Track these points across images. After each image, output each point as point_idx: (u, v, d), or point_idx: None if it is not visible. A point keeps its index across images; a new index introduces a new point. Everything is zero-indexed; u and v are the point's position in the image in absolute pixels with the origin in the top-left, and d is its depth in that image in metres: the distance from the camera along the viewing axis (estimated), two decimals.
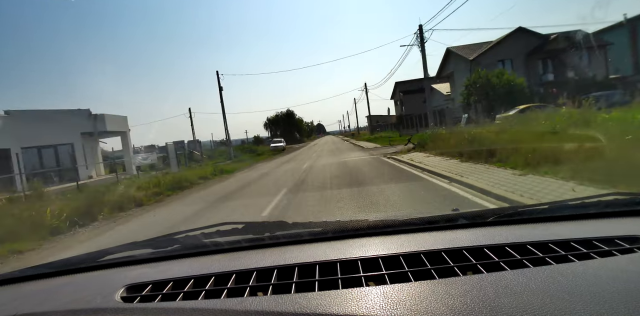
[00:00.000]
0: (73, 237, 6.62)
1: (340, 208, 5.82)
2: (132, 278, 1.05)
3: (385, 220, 1.29)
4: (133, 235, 5.94)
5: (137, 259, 1.24)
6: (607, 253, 0.90)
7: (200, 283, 0.97)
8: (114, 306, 0.88)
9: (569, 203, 1.30)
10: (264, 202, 7.06)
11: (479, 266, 0.89)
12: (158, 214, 7.97)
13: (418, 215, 1.32)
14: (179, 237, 1.35)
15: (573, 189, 4.90)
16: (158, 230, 5.73)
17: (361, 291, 0.80)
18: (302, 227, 1.31)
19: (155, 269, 1.14)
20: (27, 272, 1.23)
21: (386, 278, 0.89)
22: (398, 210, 5.33)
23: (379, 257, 0.99)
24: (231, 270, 1.01)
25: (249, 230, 1.33)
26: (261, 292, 0.90)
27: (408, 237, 1.16)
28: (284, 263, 1.03)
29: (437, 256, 0.97)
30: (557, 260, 0.88)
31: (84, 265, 1.23)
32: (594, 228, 1.11)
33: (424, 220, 1.26)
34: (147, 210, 8.66)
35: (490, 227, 1.19)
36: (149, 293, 0.95)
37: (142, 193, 10.38)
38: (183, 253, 1.24)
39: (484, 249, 0.99)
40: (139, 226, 6.87)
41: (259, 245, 1.23)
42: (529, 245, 0.98)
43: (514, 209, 1.34)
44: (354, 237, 1.20)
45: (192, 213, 7.23)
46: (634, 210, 1.20)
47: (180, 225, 6.05)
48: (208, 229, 1.35)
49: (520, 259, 0.91)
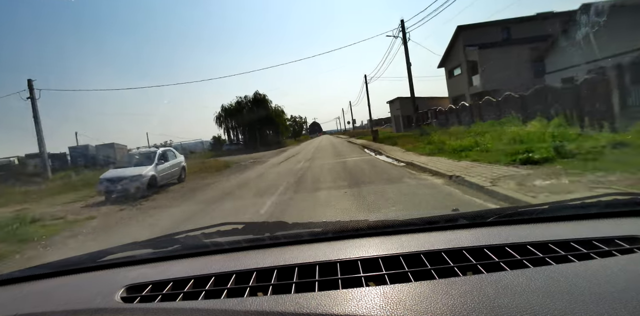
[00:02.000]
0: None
1: None
2: (132, 278, 1.05)
3: (385, 220, 1.29)
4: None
5: (137, 259, 1.24)
6: (607, 254, 0.90)
7: (200, 283, 0.97)
8: (114, 306, 0.88)
9: (569, 204, 1.30)
10: None
11: (479, 267, 0.89)
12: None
13: (418, 215, 1.32)
14: (179, 237, 1.35)
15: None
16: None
17: (361, 291, 0.80)
18: (302, 227, 1.31)
19: (155, 269, 1.14)
20: (27, 272, 1.22)
21: (386, 278, 0.89)
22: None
23: (379, 257, 0.99)
24: (231, 270, 1.01)
25: (249, 230, 1.33)
26: (261, 292, 0.90)
27: (408, 237, 1.16)
28: (284, 263, 1.03)
29: (437, 257, 0.97)
30: (557, 261, 0.88)
31: (84, 265, 1.23)
32: (594, 228, 1.11)
33: (424, 220, 1.26)
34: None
35: (490, 227, 1.19)
36: (149, 293, 0.95)
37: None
38: (183, 253, 1.24)
39: (484, 249, 0.99)
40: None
41: (259, 245, 1.23)
42: (529, 245, 0.98)
43: (514, 209, 1.34)
44: (354, 237, 1.20)
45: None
46: (634, 210, 1.20)
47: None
48: (208, 229, 1.35)
49: (520, 259, 0.91)
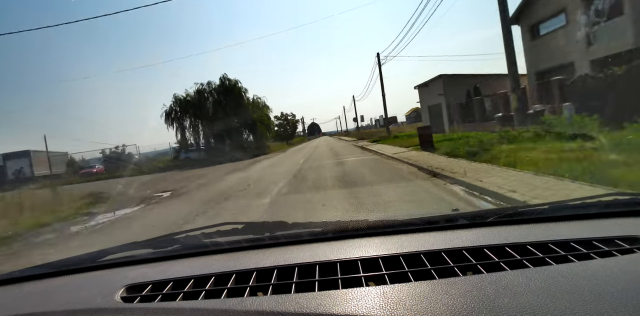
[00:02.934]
0: None
1: None
2: (132, 278, 1.05)
3: (385, 220, 1.29)
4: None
5: (137, 259, 1.24)
6: (607, 254, 0.90)
7: (200, 283, 0.98)
8: (114, 306, 0.88)
9: (569, 204, 1.30)
10: None
11: (479, 267, 0.89)
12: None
13: (418, 215, 1.32)
14: (179, 237, 1.35)
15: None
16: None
17: (361, 291, 0.80)
18: (302, 227, 1.31)
19: (155, 269, 1.14)
20: (27, 272, 1.23)
21: (386, 278, 0.89)
22: None
23: (379, 257, 0.99)
24: (231, 270, 1.01)
25: (249, 230, 1.33)
26: (261, 292, 0.90)
27: (408, 237, 1.16)
28: (284, 263, 1.03)
29: (437, 257, 0.98)
30: (557, 261, 0.88)
31: (84, 265, 1.23)
32: (594, 228, 1.11)
33: (424, 220, 1.26)
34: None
35: (490, 227, 1.19)
36: (149, 293, 0.95)
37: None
38: (183, 253, 1.24)
39: (484, 249, 0.99)
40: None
41: (259, 245, 1.23)
42: (529, 245, 0.98)
43: (514, 209, 1.34)
44: (354, 237, 1.20)
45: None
46: (634, 210, 1.20)
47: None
48: (208, 229, 1.35)
49: (520, 259, 0.91)
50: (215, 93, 32.59)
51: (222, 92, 32.41)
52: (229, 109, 31.43)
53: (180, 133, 33.42)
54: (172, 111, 32.78)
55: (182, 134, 33.49)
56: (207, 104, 32.20)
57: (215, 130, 31.47)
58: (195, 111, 32.15)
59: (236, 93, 32.55)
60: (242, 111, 31.96)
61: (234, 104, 31.80)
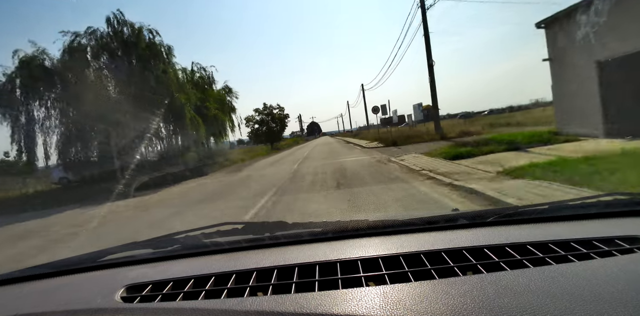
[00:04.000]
0: None
1: None
2: (132, 278, 1.05)
3: (385, 220, 1.29)
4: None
5: (137, 259, 1.24)
6: (607, 254, 0.90)
7: (200, 283, 0.97)
8: (114, 306, 0.88)
9: (569, 204, 1.30)
10: None
11: (479, 267, 0.89)
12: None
13: (418, 215, 1.32)
14: (179, 237, 1.35)
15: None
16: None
17: (361, 291, 0.80)
18: (302, 227, 1.31)
19: (155, 269, 1.14)
20: (27, 272, 1.23)
21: (386, 278, 0.89)
22: None
23: (379, 257, 0.99)
24: (231, 270, 1.01)
25: (249, 230, 1.33)
26: (261, 292, 0.90)
27: (408, 237, 1.16)
28: (284, 263, 1.03)
29: (437, 257, 0.98)
30: (557, 261, 0.88)
31: (84, 265, 1.23)
32: (594, 228, 1.11)
33: (424, 220, 1.26)
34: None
35: (490, 227, 1.19)
36: (149, 293, 0.95)
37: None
38: (183, 253, 1.24)
39: (484, 249, 0.99)
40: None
41: (259, 245, 1.23)
42: (529, 245, 0.98)
43: (514, 209, 1.34)
44: (354, 237, 1.20)
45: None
46: (634, 210, 1.20)
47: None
48: (208, 229, 1.35)
49: (520, 259, 0.91)
50: (103, 51, 16.53)
51: (115, 49, 16.54)
52: (132, 84, 15.60)
53: (20, 135, 16.10)
54: (10, 88, 15.73)
55: (28, 132, 16.13)
56: (88, 74, 16.14)
57: (101, 128, 15.71)
58: (63, 88, 16.07)
59: (141, 50, 16.48)
60: (162, 89, 16.26)
61: (138, 73, 15.93)
